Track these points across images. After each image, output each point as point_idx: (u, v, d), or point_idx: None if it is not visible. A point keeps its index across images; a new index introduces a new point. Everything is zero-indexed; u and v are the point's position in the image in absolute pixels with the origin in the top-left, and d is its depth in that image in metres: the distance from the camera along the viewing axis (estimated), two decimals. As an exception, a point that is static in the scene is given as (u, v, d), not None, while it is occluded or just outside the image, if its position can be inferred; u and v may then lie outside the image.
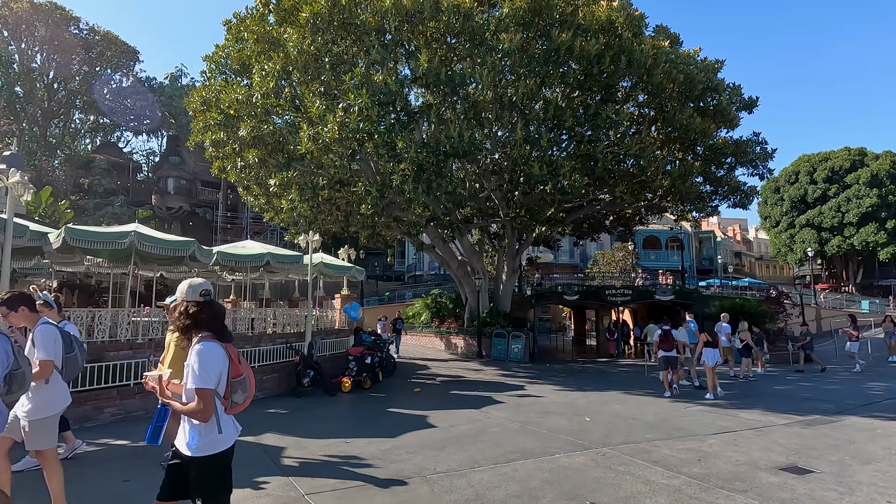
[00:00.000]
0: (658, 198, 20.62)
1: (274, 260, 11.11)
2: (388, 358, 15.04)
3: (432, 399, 11.22)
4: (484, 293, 22.29)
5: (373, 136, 13.25)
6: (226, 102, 15.33)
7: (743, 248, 66.94)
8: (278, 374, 11.25)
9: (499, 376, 15.64)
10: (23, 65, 40.76)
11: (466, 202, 18.03)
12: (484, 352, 20.83)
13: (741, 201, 20.99)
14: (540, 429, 8.19)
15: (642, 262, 43.60)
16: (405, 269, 52.68)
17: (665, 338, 12.50)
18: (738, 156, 19.83)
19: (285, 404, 10.18)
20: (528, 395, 12.03)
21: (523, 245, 22.82)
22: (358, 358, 12.09)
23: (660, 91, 16.02)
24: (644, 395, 12.20)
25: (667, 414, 9.71)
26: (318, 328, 15.46)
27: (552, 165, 13.90)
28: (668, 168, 16.86)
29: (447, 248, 21.34)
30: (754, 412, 9.92)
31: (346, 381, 11.83)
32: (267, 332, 13.05)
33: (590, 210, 22.19)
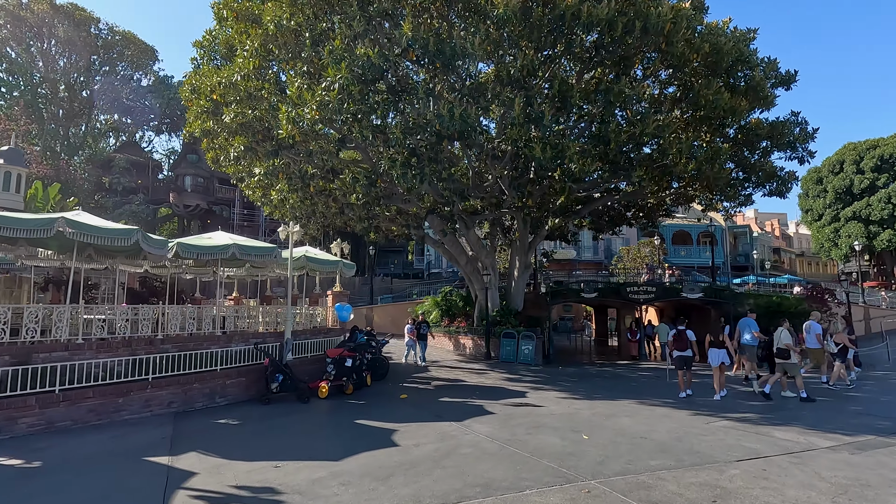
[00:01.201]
0: (683, 186, 18.79)
1: (241, 252, 10.06)
2: (380, 360, 13.85)
3: (414, 408, 9.95)
4: (494, 290, 20.87)
5: (357, 117, 12.05)
6: (208, 88, 14.41)
7: (782, 244, 63.19)
8: (246, 377, 10.19)
9: (502, 381, 14.26)
10: (46, 65, 41.37)
11: (469, 192, 16.66)
12: (493, 353, 19.44)
13: (778, 189, 18.93)
14: (522, 450, 6.81)
15: (671, 258, 41.29)
16: (424, 266, 51.65)
17: (678, 337, 12.11)
18: (775, 138, 17.82)
19: (244, 413, 9.09)
20: (526, 403, 10.63)
21: (536, 239, 21.29)
22: (336, 360, 10.93)
23: (682, 64, 14.32)
24: (661, 405, 10.63)
25: (683, 431, 8.18)
26: (310, 327, 14.40)
27: (557, 147, 12.41)
28: (693, 151, 15.11)
29: (455, 244, 20.03)
30: (791, 430, 8.29)
31: (322, 387, 10.68)
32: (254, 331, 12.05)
33: (608, 200, 20.48)
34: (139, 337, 9.30)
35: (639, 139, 13.39)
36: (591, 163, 13.12)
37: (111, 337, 9.00)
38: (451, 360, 19.08)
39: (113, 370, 8.40)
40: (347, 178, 13.34)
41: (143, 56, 44.84)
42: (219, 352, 9.84)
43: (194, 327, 10.33)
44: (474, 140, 13.48)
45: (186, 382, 8.99)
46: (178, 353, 9.32)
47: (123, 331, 9.06)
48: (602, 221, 23.59)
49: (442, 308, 24.20)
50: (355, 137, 12.28)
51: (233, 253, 9.99)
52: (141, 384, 8.36)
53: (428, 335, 17.95)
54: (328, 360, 10.96)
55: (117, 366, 8.46)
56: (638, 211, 22.77)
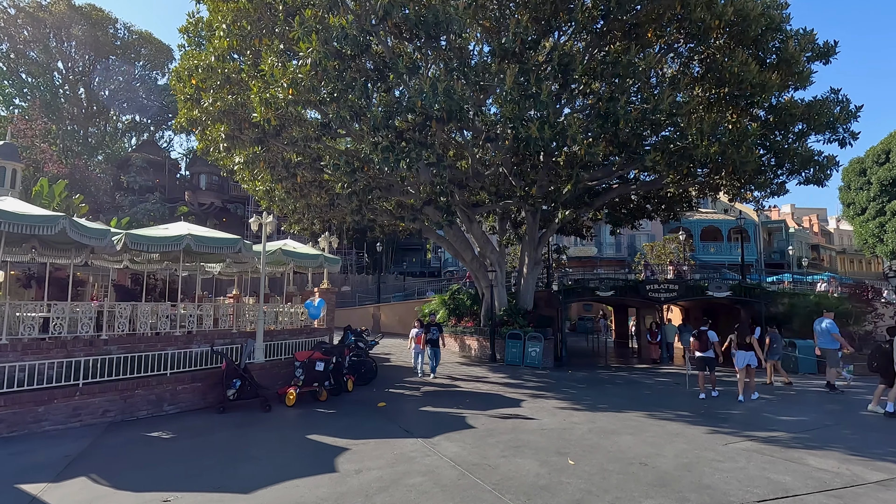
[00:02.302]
0: (707, 173, 17.08)
1: (197, 243, 9.08)
2: (366, 363, 12.73)
3: (385, 420, 8.77)
4: (501, 288, 19.56)
5: (334, 95, 10.94)
6: (186, 73, 13.56)
7: (821, 241, 59.64)
8: (203, 383, 9.20)
9: (500, 387, 12.97)
10: (65, 66, 41.88)
11: (469, 181, 15.40)
12: (498, 355, 18.13)
13: (816, 176, 16.97)
14: (486, 480, 5.56)
15: (698, 255, 39.04)
16: (441, 264, 50.52)
17: (699, 338, 11.87)
18: (811, 119, 15.92)
19: (187, 424, 8.07)
20: (517, 415, 9.33)
21: (546, 233, 19.85)
22: (305, 364, 9.84)
23: (703, 34, 12.75)
24: (673, 419, 9.18)
25: (694, 455, 6.77)
26: (294, 326, 13.40)
27: (557, 127, 11.05)
28: (716, 132, 13.51)
29: (460, 239, 18.78)
30: (829, 456, 6.78)
31: (289, 393, 9.62)
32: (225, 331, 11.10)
33: (624, 191, 18.89)
34: (79, 337, 8.41)
35: (652, 118, 11.88)
36: (597, 145, 11.68)
37: (47, 337, 8.13)
38: (454, 362, 17.86)
39: (43, 374, 7.50)
40: (328, 163, 12.24)
41: (160, 55, 45.02)
42: (169, 354, 8.86)
43: (147, 327, 9.41)
44: (466, 121, 12.21)
45: (127, 389, 8.04)
46: (122, 355, 8.39)
47: (59, 330, 8.17)
48: (620, 214, 21.95)
49: (449, 307, 22.96)
50: (333, 119, 11.17)
51: (188, 244, 9.01)
52: (68, 391, 7.44)
53: (440, 339, 14.37)
54: (296, 363, 9.89)
55: (48, 369, 7.56)
56: (659, 203, 21.07)
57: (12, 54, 40.79)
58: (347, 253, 45.35)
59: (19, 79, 41.86)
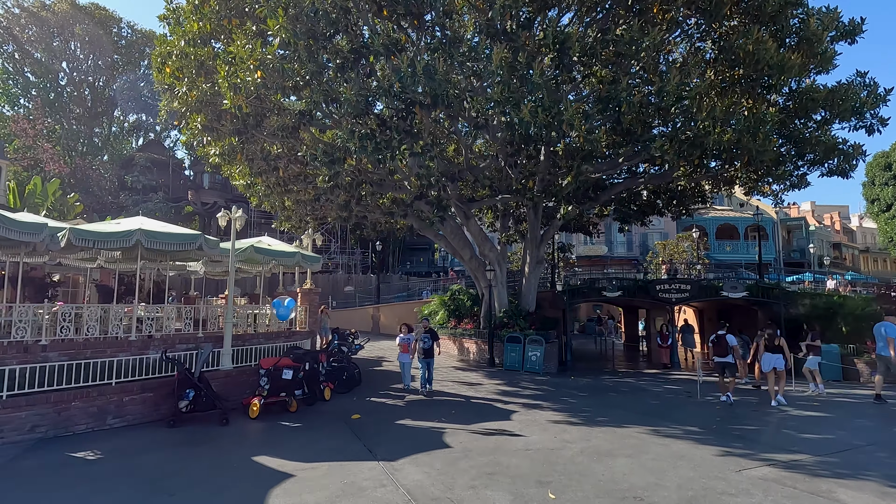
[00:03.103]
0: (721, 164, 15.87)
1: (148, 239, 8.25)
2: (347, 369, 11.82)
3: (350, 436, 7.82)
4: (501, 288, 18.54)
5: (307, 79, 10.05)
6: (159, 60, 12.80)
7: (843, 239, 57.41)
8: (155, 393, 8.34)
9: (494, 395, 11.97)
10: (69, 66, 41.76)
11: (462, 173, 14.42)
12: (497, 359, 17.11)
13: (840, 167, 15.63)
14: (441, 522, 4.59)
15: (714, 254, 37.56)
16: (448, 264, 49.58)
17: (718, 343, 11.60)
18: (834, 106, 14.63)
19: (123, 442, 7.19)
20: (503, 431, 8.33)
21: (549, 230, 18.78)
22: (270, 373, 8.94)
23: (714, 7, 11.60)
24: (681, 435, 8.11)
25: (701, 485, 5.72)
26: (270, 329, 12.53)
27: (552, 110, 10.01)
28: (729, 118, 12.37)
29: (459, 236, 17.78)
30: (865, 487, 5.69)
31: (253, 404, 8.73)
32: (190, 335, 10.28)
33: (631, 184, 17.73)
34: (14, 342, 7.61)
35: (658, 102, 10.78)
36: (597, 131, 10.62)
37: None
38: (450, 366, 16.88)
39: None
40: (305, 154, 11.36)
41: (164, 54, 44.68)
42: (115, 361, 8.02)
43: (97, 331, 8.59)
44: (456, 107, 11.23)
45: (61, 400, 7.22)
46: (63, 362, 7.57)
47: (-11, 335, 7.40)
48: (628, 210, 20.77)
49: (449, 308, 21.95)
50: (306, 105, 10.28)
51: (137, 240, 8.17)
52: (-13, 404, 6.62)
53: (435, 348, 11.64)
54: (260, 371, 9.00)
55: (-29, 380, 6.75)
56: (670, 198, 19.84)
57: (17, 55, 40.78)
58: (352, 253, 44.66)
59: (25, 79, 41.85)
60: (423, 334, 11.68)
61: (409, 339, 11.52)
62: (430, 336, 11.74)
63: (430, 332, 11.91)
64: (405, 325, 11.78)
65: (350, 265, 44.31)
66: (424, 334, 11.69)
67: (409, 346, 11.55)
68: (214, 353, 9.91)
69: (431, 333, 11.84)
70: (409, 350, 11.59)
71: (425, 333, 11.72)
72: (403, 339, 11.58)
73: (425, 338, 11.63)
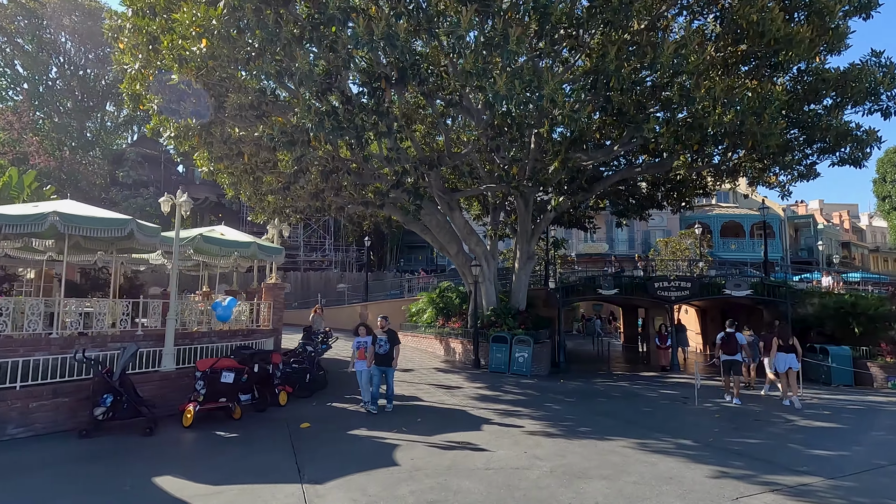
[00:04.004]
0: (724, 151, 14.74)
1: (65, 223, 7.24)
2: (310, 371, 10.79)
3: (283, 452, 6.77)
4: (489, 285, 17.49)
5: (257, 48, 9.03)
6: (111, 34, 11.81)
7: (853, 238, 55.87)
8: (70, 398, 7.34)
9: (471, 400, 10.92)
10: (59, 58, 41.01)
11: (441, 160, 13.36)
12: (483, 360, 16.05)
13: (853, 154, 14.45)
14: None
15: (718, 252, 36.29)
16: (447, 261, 48.54)
17: (727, 341, 11.33)
18: (846, 88, 13.48)
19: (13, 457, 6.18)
20: (467, 444, 7.27)
21: (541, 223, 17.71)
22: (207, 375, 7.92)
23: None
24: (671, 451, 7.02)
25: (688, 521, 4.64)
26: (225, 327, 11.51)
27: (530, 82, 8.93)
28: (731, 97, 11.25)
29: (445, 230, 16.70)
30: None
31: (186, 411, 7.72)
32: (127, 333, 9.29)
33: (627, 174, 16.60)
34: None
35: (651, 77, 9.69)
36: (582, 108, 9.55)
37: None
38: (432, 367, 15.84)
39: None
40: (262, 135, 10.34)
41: (156, 47, 43.84)
42: (24, 362, 7.02)
43: (8, 327, 7.61)
44: (428, 82, 10.17)
45: (-56, 407, 6.24)
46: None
47: None
48: (626, 203, 19.65)
49: (437, 306, 20.88)
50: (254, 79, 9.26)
51: (53, 225, 7.17)
52: None
53: (395, 354, 9.33)
54: (196, 374, 7.98)
55: None
56: (670, 190, 18.68)
57: (8, 48, 40.04)
58: (346, 250, 43.71)
59: (15, 72, 41.12)
60: (380, 336, 9.29)
61: (366, 343, 9.23)
62: (388, 340, 9.29)
63: (389, 333, 9.41)
64: (362, 326, 9.47)
65: (346, 262, 43.38)
66: (381, 336, 9.28)
67: (364, 352, 9.20)
68: (154, 352, 8.91)
69: (390, 336, 9.38)
70: (365, 356, 9.20)
71: (382, 335, 9.31)
72: (360, 342, 9.23)
73: (382, 341, 9.24)
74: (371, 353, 9.14)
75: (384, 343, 9.25)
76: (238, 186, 15.52)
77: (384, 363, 9.26)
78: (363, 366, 9.19)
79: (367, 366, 9.16)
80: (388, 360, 9.27)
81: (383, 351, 9.22)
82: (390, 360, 9.30)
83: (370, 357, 9.15)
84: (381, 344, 9.24)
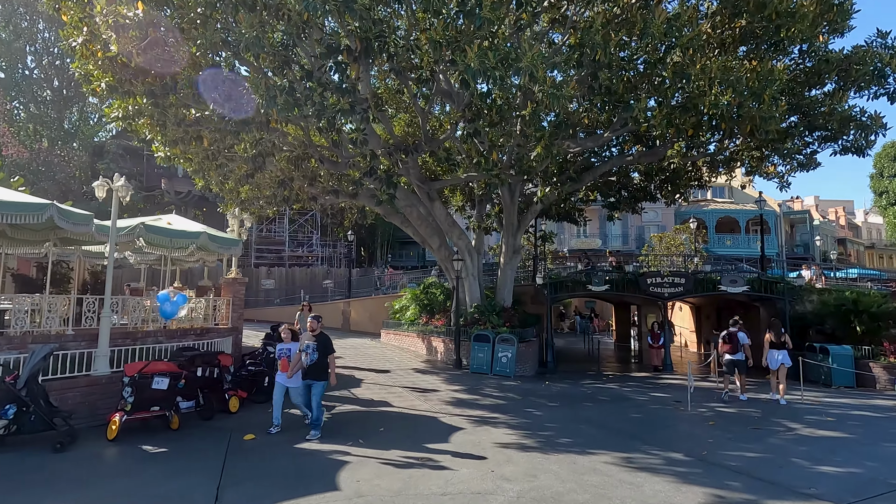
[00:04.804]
0: (720, 139, 13.87)
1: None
2: (268, 373, 9.85)
3: (213, 471, 5.85)
4: (472, 280, 16.58)
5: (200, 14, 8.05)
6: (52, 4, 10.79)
7: (848, 234, 55.35)
8: (-27, 407, 6.37)
9: (444, 405, 10.02)
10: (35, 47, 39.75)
11: (418, 145, 12.41)
12: (465, 360, 15.14)
13: (856, 142, 13.64)
14: None
15: (713, 247, 35.53)
16: (437, 258, 47.67)
17: (729, 340, 11.18)
18: (850, 72, 12.62)
19: None
20: (427, 461, 6.36)
21: (527, 215, 16.82)
22: (135, 381, 6.97)
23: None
24: (660, 468, 6.15)
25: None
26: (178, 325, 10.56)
27: (505, 54, 8.00)
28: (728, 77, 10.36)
29: (426, 222, 15.77)
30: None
31: (112, 422, 6.78)
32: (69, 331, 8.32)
33: (618, 163, 15.71)
34: None
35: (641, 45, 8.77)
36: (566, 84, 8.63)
37: None
38: (411, 368, 14.92)
39: None
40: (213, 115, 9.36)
41: (138, 35, 42.58)
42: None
43: None
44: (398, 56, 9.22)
45: None
46: None
47: None
48: (618, 195, 18.76)
49: (421, 303, 19.96)
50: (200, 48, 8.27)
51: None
52: None
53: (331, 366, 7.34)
54: (124, 379, 7.02)
55: None
56: (664, 181, 17.80)
57: (-16, 38, 38.75)
58: (335, 245, 42.70)
59: (-8, 62, 39.84)
60: (307, 342, 7.21)
61: (289, 352, 7.43)
62: (318, 344, 7.19)
63: (320, 338, 7.26)
64: (287, 329, 7.75)
65: (334, 258, 42.37)
66: (309, 342, 7.20)
67: (286, 362, 7.35)
68: (87, 354, 7.96)
69: (321, 341, 7.24)
70: (287, 367, 7.31)
71: (310, 341, 7.21)
72: (282, 350, 7.49)
73: (309, 348, 7.16)
74: (295, 363, 7.22)
75: (311, 351, 7.14)
76: (206, 175, 14.52)
77: (312, 376, 7.19)
78: (284, 378, 7.35)
79: (288, 377, 7.27)
80: (317, 373, 7.18)
81: (310, 361, 7.13)
82: (320, 372, 7.20)
83: (293, 367, 7.22)
84: (307, 351, 7.15)
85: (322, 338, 7.33)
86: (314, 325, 7.40)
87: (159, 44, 9.11)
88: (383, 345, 20.43)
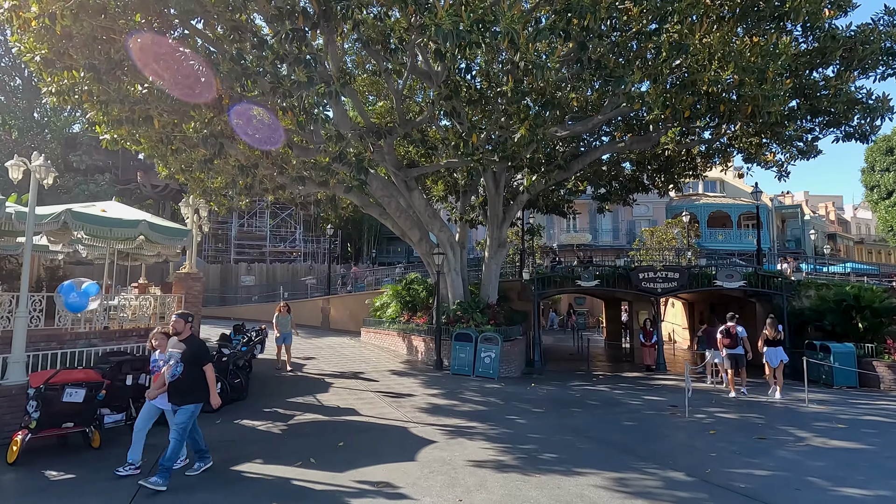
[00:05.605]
0: (718, 124, 12.97)
1: None
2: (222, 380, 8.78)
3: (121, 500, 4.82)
4: (454, 276, 15.62)
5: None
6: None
7: (838, 230, 55.12)
8: None
9: (419, 413, 9.03)
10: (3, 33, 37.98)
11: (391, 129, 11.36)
12: (446, 361, 14.15)
13: (860, 127, 12.83)
14: None
15: (705, 242, 34.87)
16: (425, 253, 46.63)
17: (728, 334, 11.29)
18: (856, 51, 11.78)
19: None
20: (382, 486, 5.37)
21: (513, 207, 15.86)
22: (42, 394, 5.88)
23: None
24: (659, 492, 5.22)
25: None
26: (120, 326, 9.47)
27: (484, 17, 6.98)
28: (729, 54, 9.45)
29: (405, 214, 14.71)
30: None
31: (13, 442, 5.71)
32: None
33: (609, 150, 14.78)
34: None
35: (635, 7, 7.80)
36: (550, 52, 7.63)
37: None
38: (389, 369, 13.88)
39: None
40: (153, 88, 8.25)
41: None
42: None
43: None
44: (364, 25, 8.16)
45: None
46: None
47: None
48: (609, 186, 17.86)
49: (403, 300, 18.92)
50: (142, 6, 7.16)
51: None
52: None
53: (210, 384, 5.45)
54: (28, 391, 5.94)
55: None
56: (657, 170, 16.88)
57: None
58: (318, 241, 41.49)
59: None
60: (171, 350, 5.45)
61: (159, 365, 5.71)
62: (181, 356, 5.36)
63: (190, 344, 5.47)
64: (161, 334, 5.98)
65: (317, 254, 41.17)
66: (173, 351, 5.44)
67: (160, 377, 5.56)
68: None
69: (191, 348, 5.44)
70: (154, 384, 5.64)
71: (174, 349, 5.44)
72: (154, 363, 5.87)
73: (172, 357, 5.39)
74: (159, 380, 5.51)
75: (175, 363, 5.33)
76: (166, 162, 13.36)
77: (175, 398, 5.35)
78: (153, 406, 5.60)
79: (150, 397, 5.54)
80: (181, 394, 5.32)
81: (171, 376, 5.32)
82: (186, 392, 5.32)
83: (156, 385, 5.53)
84: (169, 363, 5.38)
85: (193, 345, 5.47)
86: (180, 325, 5.50)
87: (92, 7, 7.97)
88: (363, 344, 19.38)
